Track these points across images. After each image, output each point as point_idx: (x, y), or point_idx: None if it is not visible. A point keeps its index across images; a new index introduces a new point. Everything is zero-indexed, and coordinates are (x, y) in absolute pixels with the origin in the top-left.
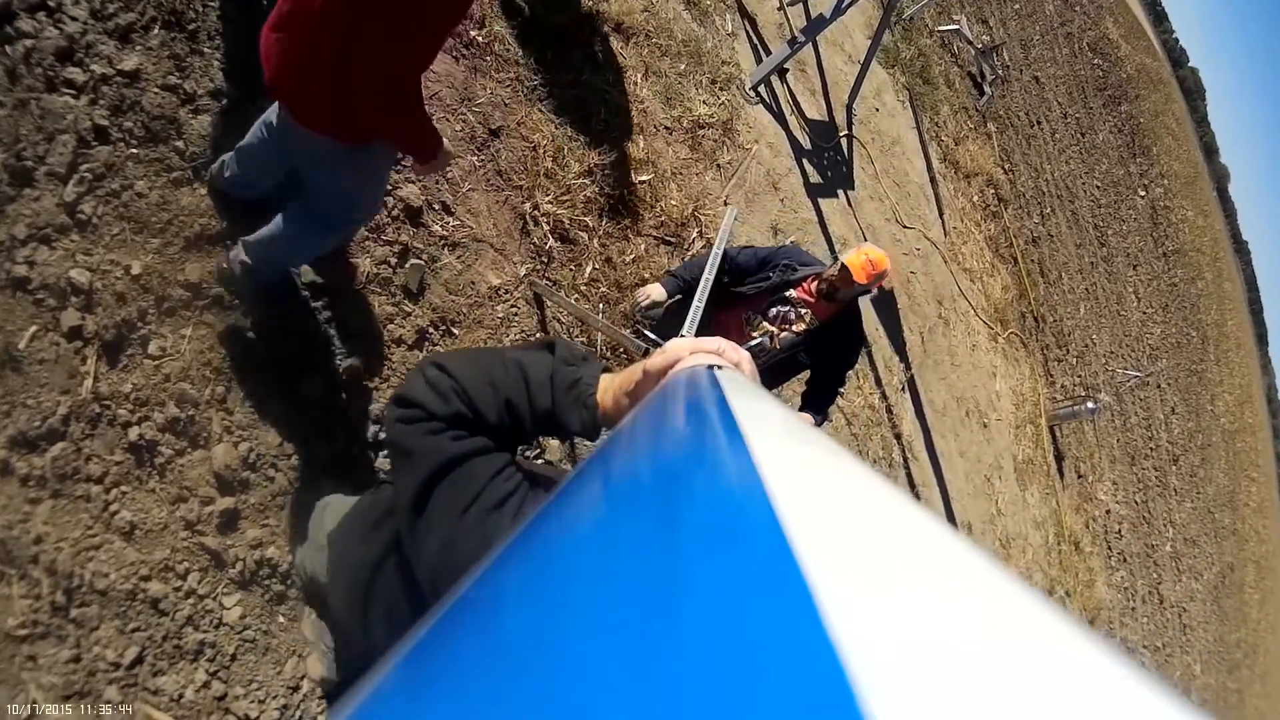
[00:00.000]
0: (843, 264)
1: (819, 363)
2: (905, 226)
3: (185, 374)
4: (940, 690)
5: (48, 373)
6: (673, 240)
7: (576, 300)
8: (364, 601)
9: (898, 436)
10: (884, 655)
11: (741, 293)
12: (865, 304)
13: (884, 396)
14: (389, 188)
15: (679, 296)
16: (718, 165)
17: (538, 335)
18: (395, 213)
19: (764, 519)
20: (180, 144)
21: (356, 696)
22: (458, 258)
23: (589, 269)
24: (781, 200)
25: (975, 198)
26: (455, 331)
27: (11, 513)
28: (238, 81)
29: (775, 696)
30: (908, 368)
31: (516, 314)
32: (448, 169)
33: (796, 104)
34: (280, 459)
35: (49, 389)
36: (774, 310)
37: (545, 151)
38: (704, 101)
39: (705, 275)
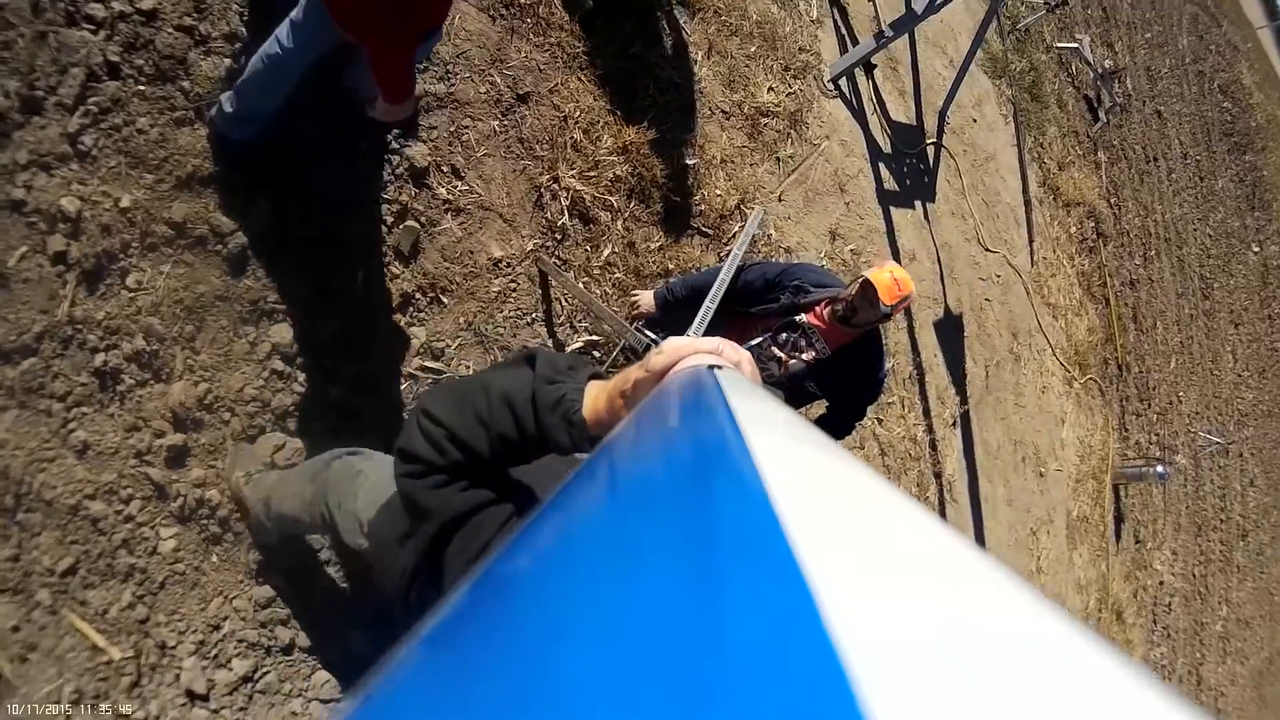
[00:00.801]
0: (865, 280)
1: (833, 396)
2: (987, 249)
3: (156, 309)
4: (940, 691)
5: (30, 291)
6: (709, 232)
7: (585, 285)
8: (404, 605)
9: (937, 475)
10: (885, 656)
11: (748, 314)
12: (927, 326)
13: (930, 430)
14: (396, 146)
15: (659, 316)
16: (776, 158)
17: (533, 323)
18: (399, 171)
19: (764, 519)
20: (187, 84)
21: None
22: (460, 224)
23: (607, 252)
24: (847, 204)
25: (1073, 229)
26: (444, 300)
27: None
28: (253, 26)
29: (775, 697)
30: (964, 402)
31: (515, 289)
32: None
33: (881, 103)
34: (238, 404)
35: (29, 307)
36: (783, 335)
37: (575, 123)
38: (771, 89)
39: (721, 275)
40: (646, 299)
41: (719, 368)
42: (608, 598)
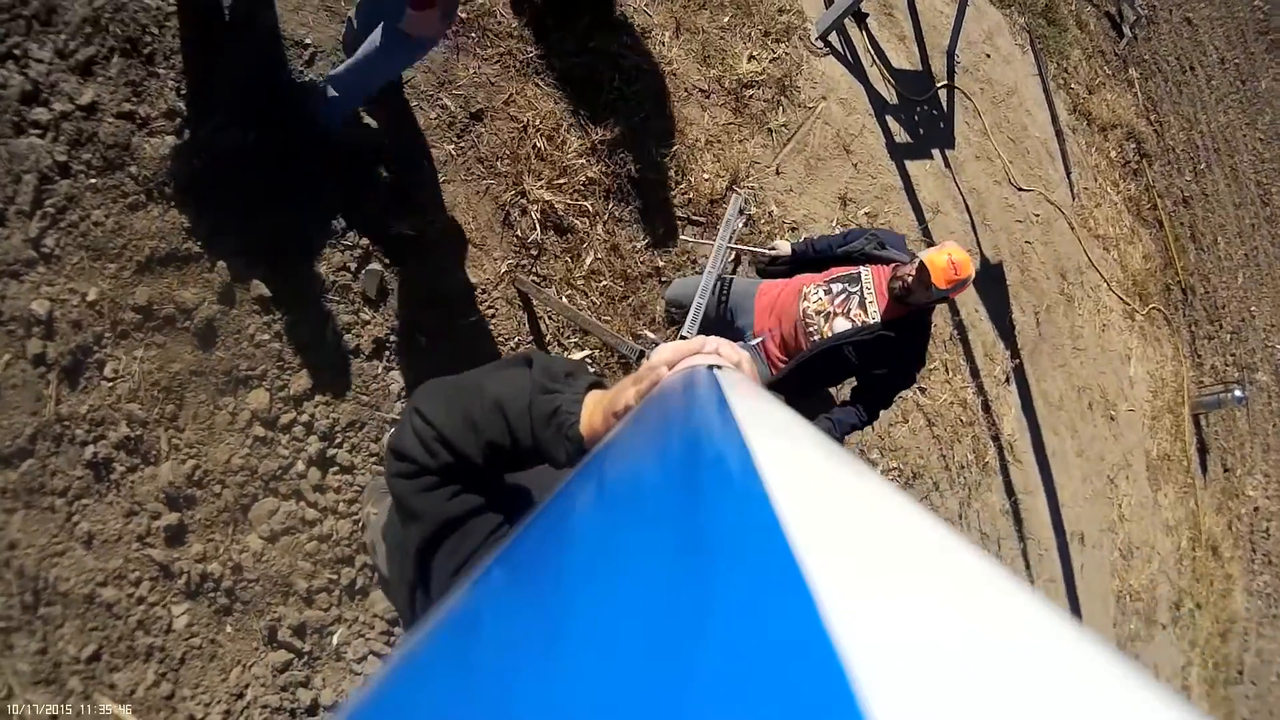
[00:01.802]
0: (921, 262)
1: (866, 370)
2: (1020, 189)
3: (134, 395)
4: (941, 690)
5: (18, 397)
6: (702, 220)
7: (569, 298)
8: (411, 616)
9: (995, 438)
10: (885, 656)
11: (811, 258)
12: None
13: (980, 390)
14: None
15: (788, 270)
16: (768, 129)
17: (518, 349)
18: (356, 215)
19: (765, 519)
20: (134, 169)
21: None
22: (426, 258)
23: (589, 260)
24: (855, 165)
25: (1113, 153)
26: (421, 340)
27: None
28: (191, 98)
29: (775, 696)
30: (1015, 355)
31: (494, 315)
32: (438, 44)
33: (879, 53)
34: (227, 475)
35: (20, 411)
36: (838, 286)
37: (537, 131)
38: (752, 57)
39: (709, 269)
40: (784, 246)
41: (718, 368)
42: (601, 604)
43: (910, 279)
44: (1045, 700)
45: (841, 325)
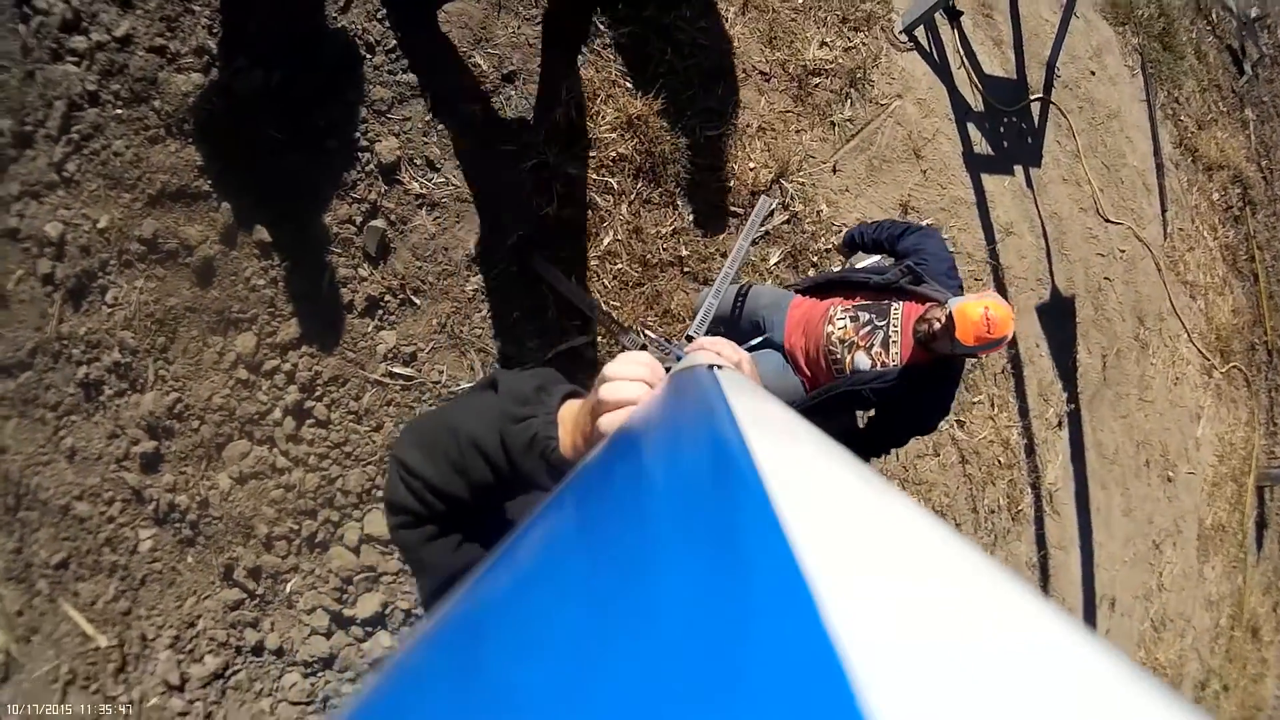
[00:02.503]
0: (950, 313)
1: (882, 411)
2: (1108, 221)
3: (129, 323)
4: (941, 691)
5: (25, 311)
6: (740, 211)
7: (580, 278)
8: None
9: (1034, 485)
10: (886, 656)
11: (845, 280)
12: (1028, 311)
13: (1026, 432)
14: (366, 142)
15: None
16: (831, 122)
17: (517, 323)
18: (369, 168)
19: (765, 520)
20: (158, 103)
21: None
22: (434, 219)
23: (607, 240)
24: (924, 172)
25: (1215, 196)
26: (416, 301)
27: None
28: (222, 38)
29: (775, 696)
30: (1073, 399)
31: (497, 285)
32: None
33: (970, 55)
34: (206, 412)
35: (25, 325)
36: (865, 316)
37: (571, 98)
38: (825, 43)
39: (725, 269)
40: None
41: (719, 367)
42: (594, 610)
43: (937, 326)
44: (1046, 700)
45: (862, 361)
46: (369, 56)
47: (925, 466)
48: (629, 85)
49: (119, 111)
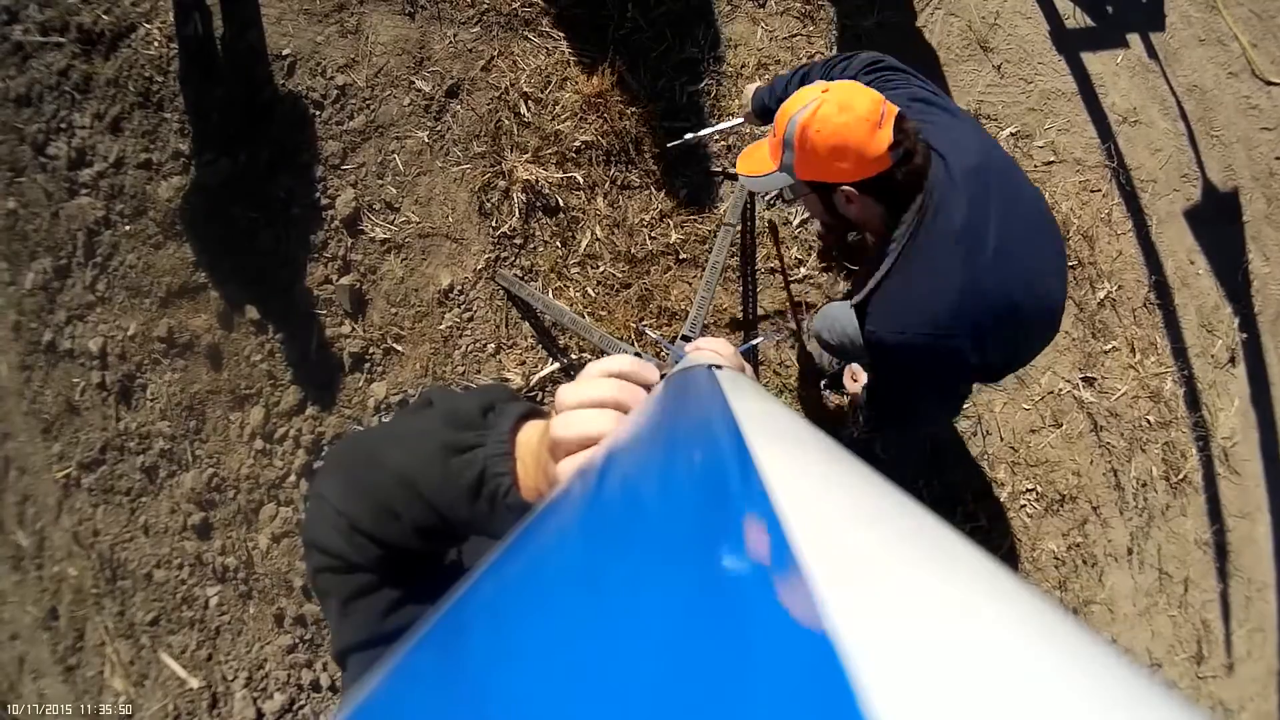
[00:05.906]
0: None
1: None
2: (1269, 83)
3: (165, 413)
4: (942, 691)
5: (91, 416)
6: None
7: (559, 291)
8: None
9: (1202, 442)
10: (887, 656)
11: None
12: (1173, 219)
13: (1187, 378)
14: (326, 200)
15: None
16: (855, 35)
17: (498, 352)
18: (334, 224)
19: (765, 520)
20: (153, 213)
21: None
22: (401, 261)
23: (585, 242)
24: (998, 67)
25: None
26: (398, 348)
27: (82, 515)
28: (192, 135)
29: (775, 696)
30: (1248, 324)
31: (471, 318)
32: None
33: None
34: (240, 482)
35: (94, 427)
36: None
37: (520, 94)
38: None
39: (713, 259)
40: (747, 94)
41: (718, 367)
42: (589, 618)
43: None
44: (1047, 701)
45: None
46: (318, 113)
47: (1038, 444)
48: (585, 60)
49: (126, 228)
